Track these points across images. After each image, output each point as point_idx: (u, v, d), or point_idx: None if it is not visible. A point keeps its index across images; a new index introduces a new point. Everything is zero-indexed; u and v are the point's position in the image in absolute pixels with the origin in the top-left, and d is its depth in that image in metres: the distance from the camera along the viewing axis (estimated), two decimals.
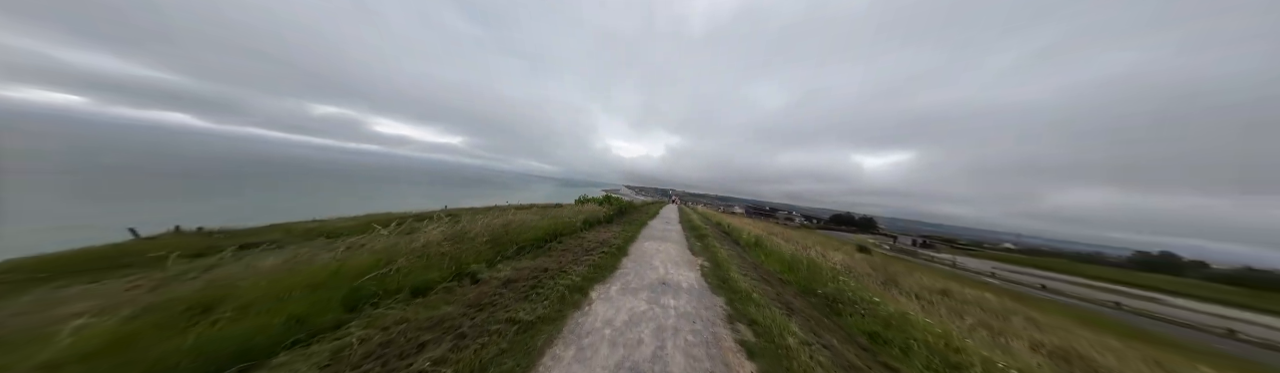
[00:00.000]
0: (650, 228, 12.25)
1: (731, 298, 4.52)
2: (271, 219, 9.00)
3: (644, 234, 10.43)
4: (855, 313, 4.86)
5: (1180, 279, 57.04)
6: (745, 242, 11.27)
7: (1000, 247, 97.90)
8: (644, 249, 7.70)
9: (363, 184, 65.71)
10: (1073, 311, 23.08)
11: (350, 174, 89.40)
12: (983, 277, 36.58)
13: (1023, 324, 9.54)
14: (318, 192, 43.70)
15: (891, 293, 8.15)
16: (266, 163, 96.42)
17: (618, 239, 8.22)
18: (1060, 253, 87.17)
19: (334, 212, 10.73)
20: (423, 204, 14.99)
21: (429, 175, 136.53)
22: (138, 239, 8.55)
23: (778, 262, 8.60)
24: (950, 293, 13.09)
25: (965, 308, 10.01)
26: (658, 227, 12.89)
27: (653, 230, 11.61)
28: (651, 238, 9.88)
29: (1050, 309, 18.95)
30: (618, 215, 14.13)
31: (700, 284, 5.07)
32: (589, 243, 7.35)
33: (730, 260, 7.34)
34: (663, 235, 10.64)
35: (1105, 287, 43.29)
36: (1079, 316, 20.01)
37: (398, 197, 44.90)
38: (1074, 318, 16.98)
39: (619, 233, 9.51)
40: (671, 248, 8.34)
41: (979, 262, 57.07)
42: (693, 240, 10.32)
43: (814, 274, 6.85)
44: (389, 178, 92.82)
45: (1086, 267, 63.89)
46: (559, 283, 4.08)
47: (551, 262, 5.23)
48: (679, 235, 11.11)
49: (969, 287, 16.80)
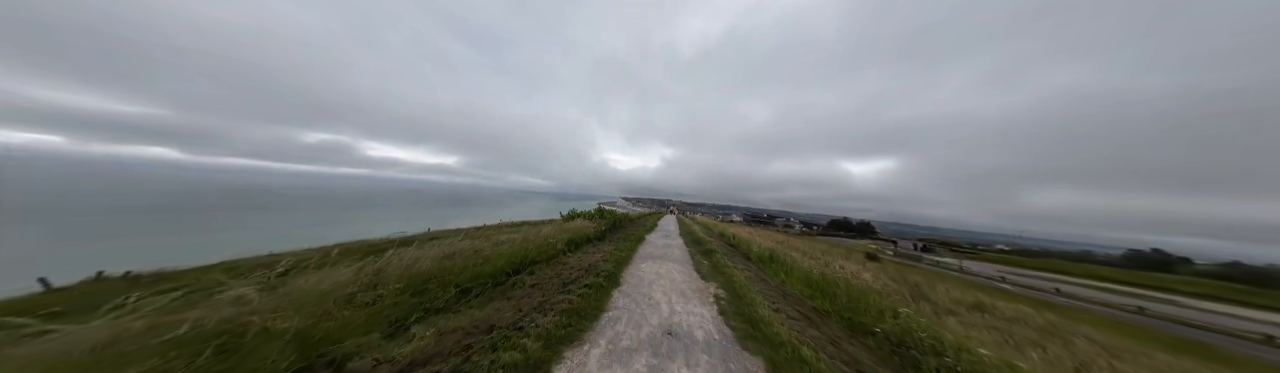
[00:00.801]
0: (648, 244, 10.75)
1: (772, 358, 3.06)
2: (233, 253, 7.70)
3: (641, 253, 8.92)
4: (944, 369, 3.39)
5: (1179, 277, 55.92)
6: (757, 256, 9.79)
7: (994, 248, 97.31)
8: (641, 274, 6.19)
9: (342, 210, 62.90)
10: (1105, 319, 21.54)
11: (333, 200, 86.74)
12: (996, 283, 35.05)
13: (1092, 348, 8.11)
14: (292, 222, 41.22)
15: (927, 311, 6.71)
16: (246, 194, 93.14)
17: (608, 263, 6.65)
18: (1049, 252, 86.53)
19: (307, 241, 9.33)
20: (404, 227, 13.36)
21: (417, 197, 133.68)
22: (47, 290, 6.73)
23: (803, 282, 7.13)
24: (985, 308, 11.61)
25: (1014, 330, 8.58)
26: (657, 242, 11.40)
27: (651, 247, 10.11)
28: (650, 257, 8.37)
29: (1084, 319, 17.46)
30: (611, 231, 12.64)
31: (721, 332, 3.59)
32: (571, 271, 5.83)
33: (749, 286, 5.87)
34: (663, 253, 9.15)
35: (1108, 287, 42.03)
36: (1115, 326, 18.51)
37: (378, 221, 42.70)
38: (1114, 329, 15.52)
39: (611, 253, 7.97)
40: (675, 271, 6.84)
41: (981, 265, 55.65)
42: (698, 258, 8.82)
43: (858, 303, 5.40)
44: (373, 202, 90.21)
45: (1084, 267, 62.80)
46: (503, 359, 2.49)
47: (506, 311, 3.67)
48: (681, 252, 9.62)
49: (995, 297, 15.32)
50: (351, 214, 55.65)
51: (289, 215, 48.67)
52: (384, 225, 26.36)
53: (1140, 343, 11.57)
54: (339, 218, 47.36)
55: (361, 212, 61.86)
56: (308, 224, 38.09)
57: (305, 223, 39.58)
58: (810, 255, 12.00)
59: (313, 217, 47.53)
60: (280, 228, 33.89)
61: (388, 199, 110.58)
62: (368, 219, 47.78)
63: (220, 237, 26.42)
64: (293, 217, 46.94)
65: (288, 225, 36.93)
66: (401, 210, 68.56)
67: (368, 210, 65.47)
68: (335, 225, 35.95)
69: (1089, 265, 63.46)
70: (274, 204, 66.32)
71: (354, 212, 60.81)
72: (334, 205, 71.13)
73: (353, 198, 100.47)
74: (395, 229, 13.48)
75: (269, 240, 11.75)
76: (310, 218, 45.95)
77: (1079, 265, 62.65)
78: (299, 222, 41.72)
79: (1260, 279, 56.49)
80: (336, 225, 36.10)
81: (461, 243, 6.03)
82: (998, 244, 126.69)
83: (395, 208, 74.06)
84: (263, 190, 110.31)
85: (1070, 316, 18.92)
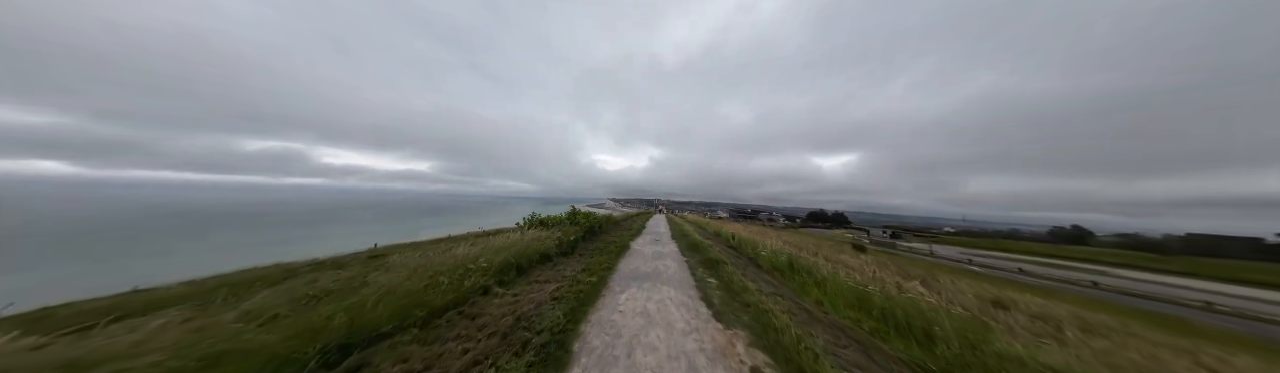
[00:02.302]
0: (634, 255, 8.52)
1: None
2: (137, 283, 5.61)
3: (624, 271, 6.65)
4: None
5: (1101, 249, 61.80)
6: (770, 263, 7.86)
7: (943, 231, 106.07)
8: (619, 321, 3.92)
9: (283, 226, 54.33)
10: (1079, 298, 21.95)
11: (277, 214, 76.21)
12: (968, 266, 36.13)
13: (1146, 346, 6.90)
14: (219, 244, 33.51)
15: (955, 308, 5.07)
16: (159, 214, 78.94)
17: (563, 302, 4.32)
18: (986, 232, 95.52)
19: (231, 264, 6.75)
20: (361, 242, 10.92)
21: (381, 207, 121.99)
22: None
23: (845, 301, 5.24)
24: (1005, 304, 10.45)
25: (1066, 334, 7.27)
26: (645, 251, 9.21)
27: (638, 259, 7.88)
28: (636, 277, 6.13)
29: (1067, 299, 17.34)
30: (586, 239, 10.28)
31: None
32: (500, 319, 3.49)
33: (795, 331, 3.78)
34: (653, 269, 6.94)
35: (1051, 262, 45.27)
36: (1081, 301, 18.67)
37: (330, 237, 36.88)
38: (1081, 305, 15.33)
39: (576, 279, 5.60)
40: (673, 304, 4.65)
41: (945, 248, 58.45)
42: (702, 274, 6.68)
43: (968, 347, 3.51)
44: (326, 216, 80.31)
45: (1023, 244, 68.23)
46: None
47: None
48: (678, 265, 7.46)
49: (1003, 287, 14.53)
50: (307, 229, 48.22)
51: (230, 237, 40.66)
52: (343, 241, 21.53)
53: (1121, 320, 10.80)
54: (288, 235, 40.43)
55: (319, 226, 54.02)
56: (249, 245, 31.57)
57: (247, 243, 32.80)
58: (842, 264, 10.29)
59: (260, 235, 40.10)
60: (206, 253, 27.51)
61: (349, 210, 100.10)
62: (327, 234, 41.44)
63: (115, 267, 20.84)
64: (236, 237, 39.18)
65: (226, 247, 30.32)
66: (360, 224, 61.11)
67: (328, 224, 57.57)
68: (285, 244, 29.87)
69: (1026, 243, 68.92)
70: (199, 225, 56.54)
71: (309, 227, 52.94)
72: (287, 221, 62.11)
73: (305, 211, 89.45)
74: (359, 243, 10.39)
75: (201, 264, 8.77)
76: (257, 236, 38.66)
77: (1019, 243, 67.85)
78: (248, 240, 34.69)
79: (1159, 247, 64.08)
80: (287, 244, 30.17)
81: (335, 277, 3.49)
82: (945, 227, 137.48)
83: (353, 222, 65.93)
84: (191, 209, 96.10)
85: (1053, 296, 18.98)
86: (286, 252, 10.15)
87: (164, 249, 29.77)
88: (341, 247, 10.06)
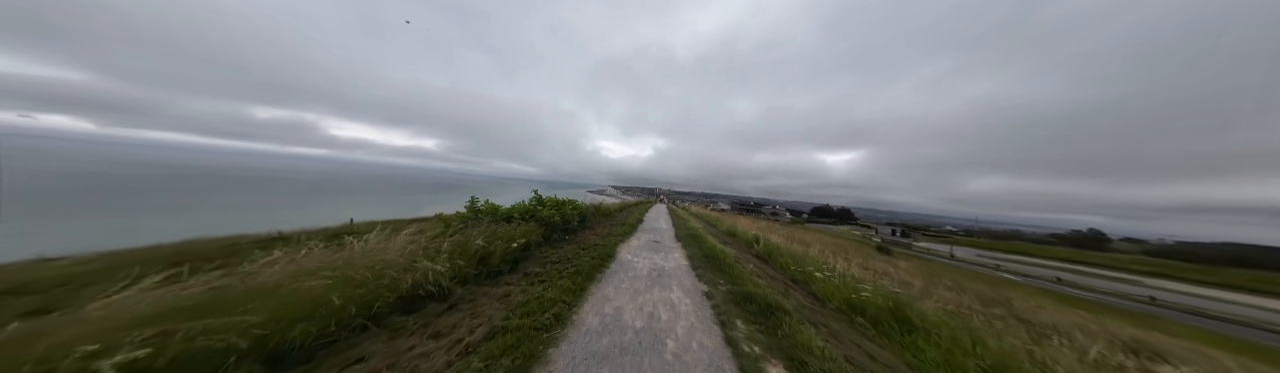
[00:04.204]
0: (616, 276, 5.02)
1: None
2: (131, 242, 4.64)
3: (586, 332, 3.15)
4: None
5: (1129, 257, 57.43)
6: (844, 301, 4.36)
7: (944, 230, 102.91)
8: None
9: (288, 194, 54.24)
10: (1140, 316, 18.27)
11: (281, 182, 75.56)
12: (1000, 274, 32.37)
13: None
14: (218, 207, 33.87)
15: None
16: (163, 174, 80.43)
17: None
18: (991, 233, 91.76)
19: (222, 229, 6.08)
20: (361, 215, 10.00)
21: (385, 181, 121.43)
22: None
23: None
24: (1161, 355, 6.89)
25: None
26: (638, 265, 5.71)
27: (622, 294, 4.37)
28: (608, 359, 2.59)
29: (1151, 325, 13.77)
30: (550, 240, 6.81)
31: None
32: None
33: None
34: (646, 331, 3.41)
35: (1062, 267, 41.73)
36: (1163, 325, 15.10)
37: (332, 208, 35.41)
38: (1161, 329, 11.76)
39: (496, 340, 2.12)
40: None
41: (963, 250, 54.65)
42: (748, 344, 3.15)
43: None
44: (331, 186, 79.57)
45: (1046, 249, 64.24)
46: None
47: None
48: (698, 317, 3.92)
49: (1097, 312, 10.95)
50: (308, 199, 47.51)
51: (231, 201, 40.91)
52: (342, 213, 19.47)
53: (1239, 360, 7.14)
54: (291, 202, 40.33)
55: (323, 196, 53.41)
56: (250, 210, 30.63)
57: (248, 208, 32.00)
58: (877, 272, 6.72)
59: (262, 201, 39.88)
60: (204, 216, 25.84)
61: (353, 182, 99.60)
62: (331, 205, 40.24)
63: (114, 224, 19.50)
64: (236, 201, 39.49)
65: (224, 212, 28.81)
66: (362, 196, 59.87)
67: (333, 195, 56.85)
68: (284, 211, 28.63)
69: (1049, 247, 64.55)
70: (204, 188, 56.31)
71: (313, 196, 52.26)
72: (290, 189, 61.67)
73: (308, 181, 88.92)
74: (361, 216, 9.36)
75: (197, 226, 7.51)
76: (260, 202, 37.83)
77: (1041, 248, 63.56)
78: (251, 205, 33.60)
79: (1192, 257, 59.12)
80: (286, 211, 28.74)
81: None
82: (946, 226, 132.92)
83: (356, 193, 64.84)
84: (198, 172, 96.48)
85: (1123, 316, 15.44)
86: (318, 218, 8.63)
87: (181, 210, 28.68)
88: (353, 217, 8.84)
